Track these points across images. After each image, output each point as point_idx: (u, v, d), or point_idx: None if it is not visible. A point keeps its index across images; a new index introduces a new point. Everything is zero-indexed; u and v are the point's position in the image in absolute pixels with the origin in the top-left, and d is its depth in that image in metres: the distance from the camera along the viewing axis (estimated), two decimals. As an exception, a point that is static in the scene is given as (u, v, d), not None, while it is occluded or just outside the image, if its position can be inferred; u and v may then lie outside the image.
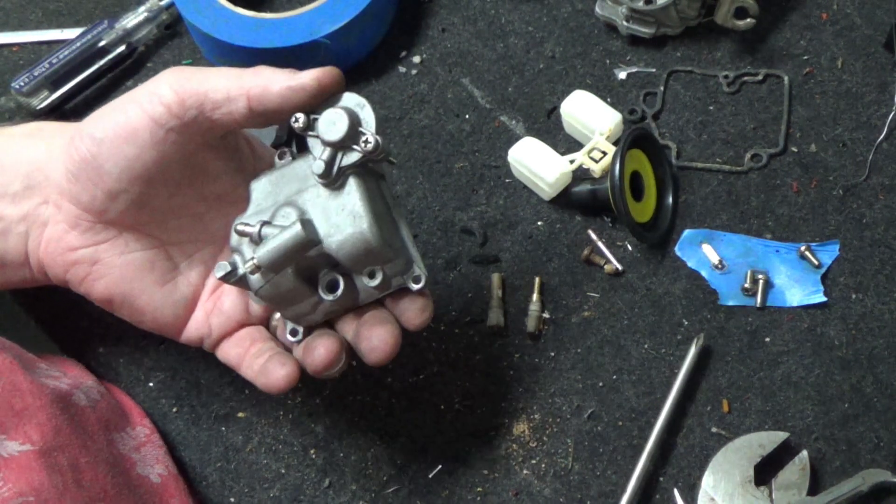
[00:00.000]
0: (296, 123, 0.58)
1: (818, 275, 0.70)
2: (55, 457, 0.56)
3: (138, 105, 0.57)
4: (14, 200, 0.60)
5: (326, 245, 0.57)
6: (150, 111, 0.56)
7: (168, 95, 0.56)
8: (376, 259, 0.58)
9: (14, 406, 0.56)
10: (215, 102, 0.56)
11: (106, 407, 0.64)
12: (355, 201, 0.57)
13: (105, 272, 0.61)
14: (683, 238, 0.72)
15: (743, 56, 0.80)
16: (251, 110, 0.57)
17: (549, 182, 0.72)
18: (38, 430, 0.56)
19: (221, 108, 0.56)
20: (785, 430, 0.64)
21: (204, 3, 0.81)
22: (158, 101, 0.56)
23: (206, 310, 0.63)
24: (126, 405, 0.67)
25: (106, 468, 0.59)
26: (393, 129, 0.80)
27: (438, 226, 0.75)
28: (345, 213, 0.57)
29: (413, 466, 0.67)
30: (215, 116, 0.57)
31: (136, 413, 0.67)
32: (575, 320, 0.70)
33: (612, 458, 0.66)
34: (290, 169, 0.60)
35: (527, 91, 0.80)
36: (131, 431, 0.65)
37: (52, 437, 0.56)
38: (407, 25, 0.85)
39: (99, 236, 0.60)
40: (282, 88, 0.56)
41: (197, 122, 0.57)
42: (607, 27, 0.82)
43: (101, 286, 0.61)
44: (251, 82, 0.56)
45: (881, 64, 0.78)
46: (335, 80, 0.57)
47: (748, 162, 0.75)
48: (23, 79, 0.81)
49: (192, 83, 0.56)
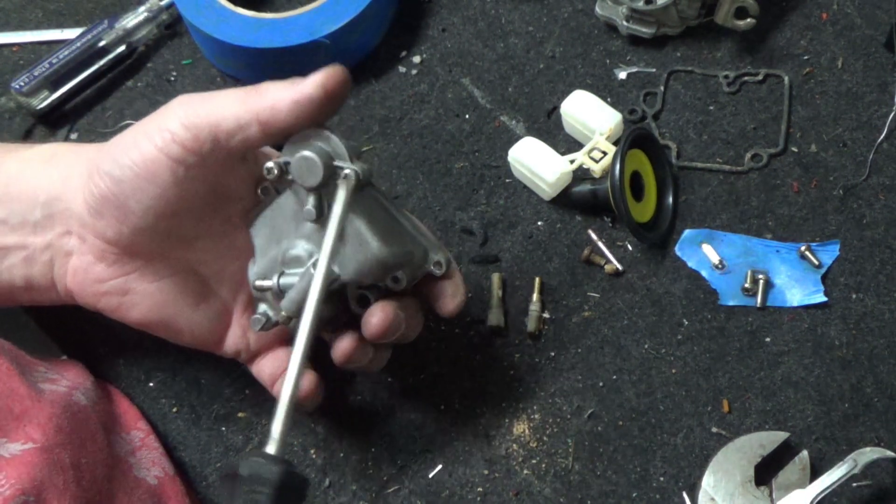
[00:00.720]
0: (269, 175, 0.58)
1: (818, 275, 0.70)
2: (57, 453, 0.56)
3: (153, 144, 0.56)
4: (35, 230, 0.60)
5: (343, 276, 0.58)
6: (167, 150, 0.56)
7: (181, 133, 0.56)
8: (394, 268, 0.59)
9: (13, 410, 0.56)
10: (228, 132, 0.56)
11: (103, 410, 0.64)
12: (356, 228, 0.58)
13: (138, 301, 0.61)
14: (683, 238, 0.72)
15: (743, 56, 0.80)
16: (264, 132, 0.56)
17: (550, 182, 0.72)
18: (40, 428, 0.56)
19: (235, 136, 0.56)
20: (785, 430, 0.64)
21: (204, 3, 0.81)
22: (172, 140, 0.56)
23: (242, 325, 0.64)
24: (122, 408, 0.67)
25: (105, 470, 0.59)
26: (393, 129, 0.80)
27: (438, 226, 0.75)
28: (350, 242, 0.58)
29: (413, 466, 0.67)
30: (231, 144, 0.56)
31: (132, 416, 0.67)
32: (575, 320, 0.70)
33: (612, 458, 0.66)
34: (278, 207, 0.61)
35: (527, 91, 0.80)
36: (126, 435, 0.65)
37: (54, 435, 0.56)
38: (407, 25, 0.85)
39: (127, 266, 0.60)
40: (289, 105, 0.55)
41: (214, 153, 0.56)
42: (607, 27, 0.82)
43: (135, 314, 0.61)
44: (259, 105, 0.56)
45: (881, 64, 0.78)
46: (341, 83, 0.56)
47: (748, 162, 0.75)
48: (23, 79, 0.81)
49: (202, 115, 0.56)
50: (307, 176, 0.57)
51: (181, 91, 0.83)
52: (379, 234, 0.58)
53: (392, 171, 0.78)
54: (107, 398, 0.67)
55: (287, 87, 0.56)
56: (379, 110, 0.81)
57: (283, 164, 0.58)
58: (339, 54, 0.80)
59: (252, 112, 0.56)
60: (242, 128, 0.56)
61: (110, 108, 0.83)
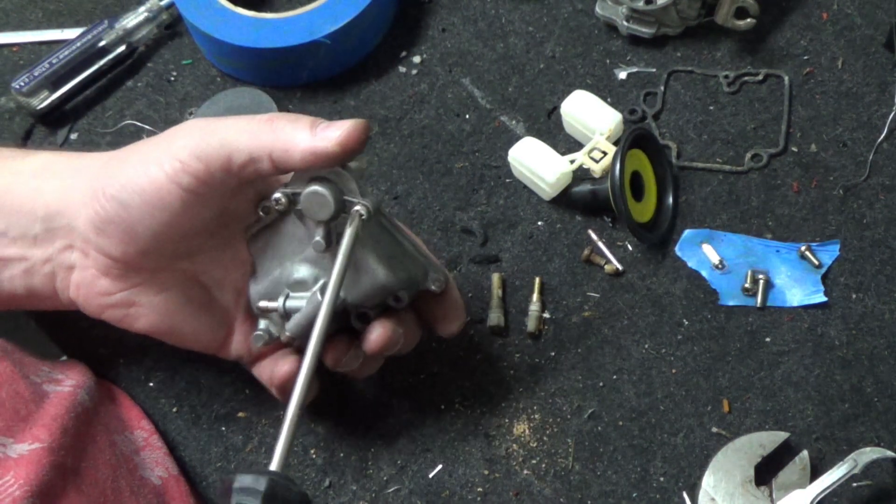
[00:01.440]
0: (277, 206, 0.58)
1: (818, 275, 0.70)
2: (62, 455, 0.56)
3: (163, 172, 0.55)
4: (36, 243, 0.60)
5: (349, 300, 0.59)
6: (177, 180, 0.55)
7: (193, 163, 0.55)
8: (396, 291, 0.60)
9: (20, 412, 0.56)
10: (240, 164, 0.55)
11: (106, 410, 0.64)
12: (363, 257, 0.58)
13: (142, 312, 0.61)
14: (684, 238, 0.72)
15: (743, 56, 0.80)
16: (275, 168, 0.56)
17: (550, 182, 0.72)
18: (46, 429, 0.56)
19: (247, 168, 0.56)
20: (785, 430, 0.64)
21: (204, 3, 0.81)
22: (183, 169, 0.55)
23: (245, 331, 0.64)
24: (126, 408, 0.67)
25: (108, 470, 0.59)
26: (393, 129, 0.80)
27: (438, 226, 0.75)
28: (357, 269, 0.58)
29: (413, 466, 0.67)
30: (243, 175, 0.56)
31: (135, 416, 0.67)
32: (575, 320, 0.70)
33: (613, 458, 0.66)
34: (280, 228, 0.61)
35: (527, 91, 0.80)
36: (130, 435, 0.65)
37: (60, 436, 0.56)
38: (407, 25, 0.85)
39: (132, 280, 0.60)
40: (303, 153, 0.55)
41: (225, 182, 0.56)
42: (607, 27, 0.82)
43: (140, 324, 0.61)
44: (272, 143, 0.55)
45: (881, 64, 0.78)
46: (360, 141, 0.55)
47: (748, 162, 0.75)
48: (23, 79, 0.81)
49: (213, 145, 0.55)
50: (317, 210, 0.56)
51: (181, 91, 0.84)
52: (385, 261, 0.58)
53: (392, 171, 0.78)
54: (110, 398, 0.67)
55: (304, 130, 0.55)
56: (379, 110, 0.81)
57: (292, 194, 0.58)
58: (339, 54, 0.81)
59: (265, 148, 0.55)
60: (254, 161, 0.55)
61: (110, 108, 0.83)
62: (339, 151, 0.55)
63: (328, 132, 0.55)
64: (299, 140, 0.55)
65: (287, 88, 0.82)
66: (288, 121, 0.56)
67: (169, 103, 0.83)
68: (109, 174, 0.57)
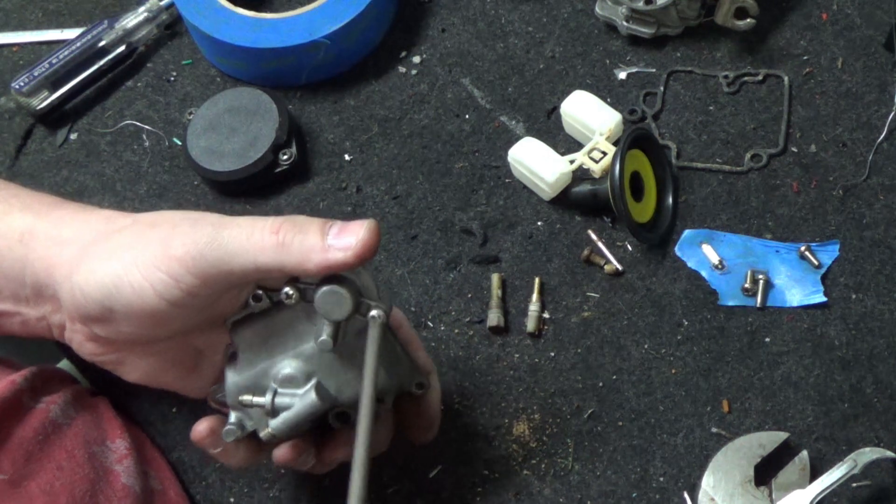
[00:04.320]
0: (288, 300, 0.54)
1: (818, 275, 0.70)
2: (26, 486, 0.55)
3: (150, 287, 0.52)
4: (28, 303, 0.59)
5: (339, 399, 0.56)
6: (167, 296, 0.52)
7: (186, 280, 0.51)
8: (385, 394, 0.58)
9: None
10: (244, 275, 0.52)
11: (83, 422, 0.63)
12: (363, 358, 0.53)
13: (132, 370, 0.59)
14: (683, 238, 0.72)
15: (743, 56, 0.80)
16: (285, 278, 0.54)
17: (549, 182, 0.72)
18: (9, 457, 0.56)
19: (251, 277, 0.53)
20: (785, 430, 0.64)
21: (204, 3, 0.81)
22: (176, 286, 0.51)
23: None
24: (105, 418, 0.66)
25: (85, 485, 0.59)
26: (393, 129, 0.80)
27: (438, 226, 0.75)
28: (353, 371, 0.56)
29: (413, 466, 0.67)
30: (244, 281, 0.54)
31: (115, 426, 0.66)
32: (575, 320, 0.70)
33: (612, 458, 0.66)
34: (271, 319, 0.56)
35: (527, 91, 0.80)
36: (111, 445, 0.64)
37: (23, 465, 0.56)
38: (407, 25, 0.85)
39: (119, 348, 0.58)
40: (318, 267, 0.51)
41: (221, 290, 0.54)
42: (607, 27, 0.82)
43: (131, 377, 0.60)
44: (286, 260, 0.51)
45: (881, 64, 0.78)
46: (375, 248, 0.52)
47: (748, 162, 0.75)
48: (23, 79, 0.81)
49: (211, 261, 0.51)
50: (333, 310, 0.53)
51: (181, 91, 0.83)
52: (385, 366, 0.57)
53: (392, 171, 0.78)
54: (89, 409, 0.66)
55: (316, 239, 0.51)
56: (379, 110, 0.81)
57: (304, 289, 0.54)
58: (339, 54, 0.81)
59: (277, 264, 0.51)
60: (262, 273, 0.52)
61: (110, 108, 0.83)
62: (356, 262, 0.51)
63: (342, 240, 0.51)
64: (313, 255, 0.51)
65: (287, 88, 0.82)
66: (296, 232, 0.51)
67: (169, 103, 0.83)
68: (91, 269, 0.54)
